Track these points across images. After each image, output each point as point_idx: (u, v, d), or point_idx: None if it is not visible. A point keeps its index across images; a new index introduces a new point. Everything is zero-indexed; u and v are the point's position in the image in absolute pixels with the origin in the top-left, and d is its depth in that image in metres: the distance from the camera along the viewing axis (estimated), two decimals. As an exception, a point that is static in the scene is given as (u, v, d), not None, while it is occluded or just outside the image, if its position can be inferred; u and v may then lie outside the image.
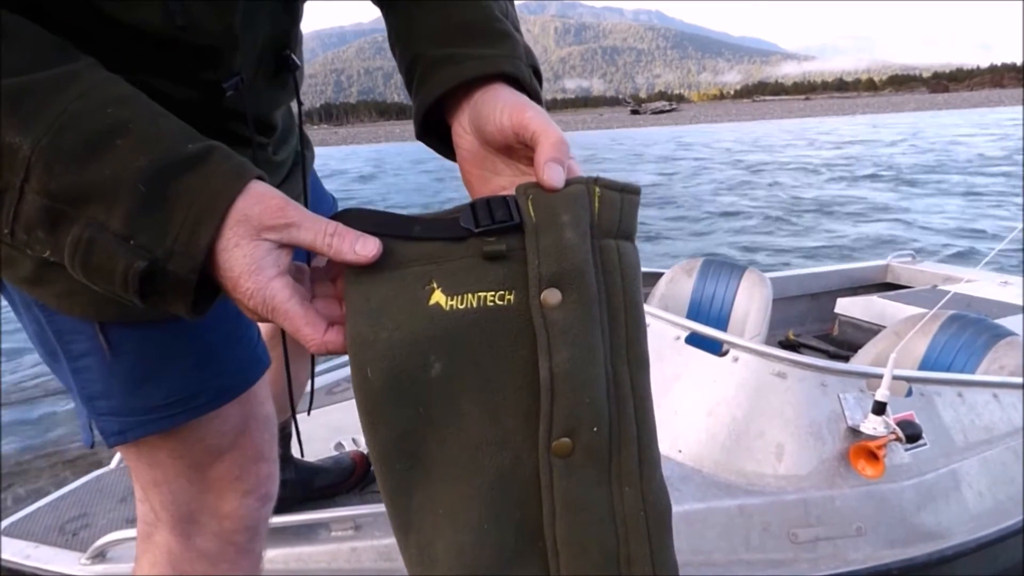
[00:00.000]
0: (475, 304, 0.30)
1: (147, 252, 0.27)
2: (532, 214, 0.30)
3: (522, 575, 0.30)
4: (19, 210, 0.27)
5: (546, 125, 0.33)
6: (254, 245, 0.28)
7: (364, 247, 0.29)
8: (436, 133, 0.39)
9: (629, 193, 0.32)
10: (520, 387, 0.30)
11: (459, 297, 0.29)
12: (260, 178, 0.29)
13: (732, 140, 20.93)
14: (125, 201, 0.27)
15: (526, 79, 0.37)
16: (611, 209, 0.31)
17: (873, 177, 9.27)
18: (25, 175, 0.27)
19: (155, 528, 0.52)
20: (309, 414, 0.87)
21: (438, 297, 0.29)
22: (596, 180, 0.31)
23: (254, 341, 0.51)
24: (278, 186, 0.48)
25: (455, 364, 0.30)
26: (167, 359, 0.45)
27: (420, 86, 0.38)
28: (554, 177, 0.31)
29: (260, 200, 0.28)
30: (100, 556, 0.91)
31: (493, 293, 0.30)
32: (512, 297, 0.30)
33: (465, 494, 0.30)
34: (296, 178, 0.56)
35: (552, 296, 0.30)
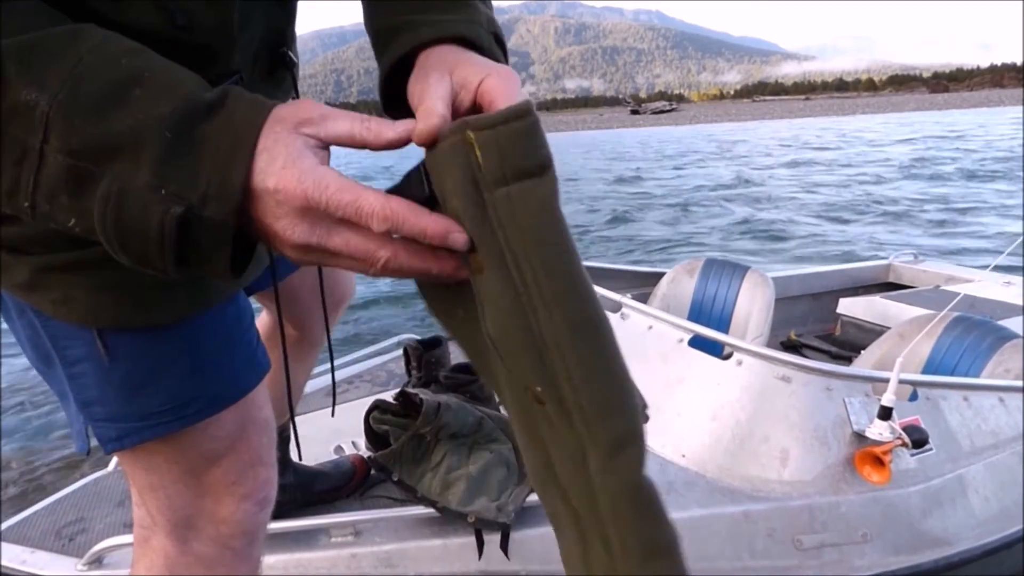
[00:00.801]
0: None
1: (181, 199, 0.26)
2: (427, 187, 0.29)
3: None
4: (40, 176, 0.26)
5: (467, 67, 0.32)
6: (293, 137, 0.27)
7: (402, 125, 0.29)
8: (406, 105, 0.36)
9: (509, 122, 0.27)
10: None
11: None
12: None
13: (772, 138, 20.48)
14: (152, 149, 0.26)
15: (483, 43, 0.36)
16: (491, 153, 0.27)
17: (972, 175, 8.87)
18: (44, 135, 0.26)
19: (152, 532, 0.51)
20: (334, 414, 0.86)
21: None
22: (466, 124, 0.27)
23: (253, 345, 0.51)
24: None
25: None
26: (164, 365, 0.44)
27: (381, 56, 0.37)
28: (412, 131, 0.29)
29: (290, 105, 0.28)
30: (97, 562, 0.90)
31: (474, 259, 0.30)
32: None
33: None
34: None
35: (475, 264, 0.29)
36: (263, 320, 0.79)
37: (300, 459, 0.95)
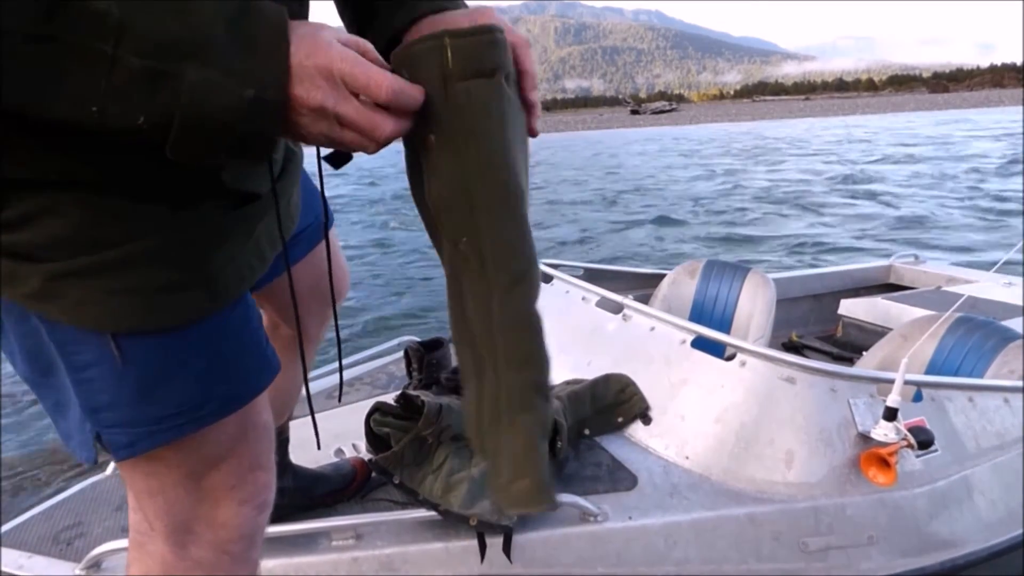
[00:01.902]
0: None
1: (247, 85, 0.32)
2: (407, 77, 0.37)
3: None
4: (112, 80, 0.30)
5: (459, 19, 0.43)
6: (317, 27, 0.35)
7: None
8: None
9: (479, 35, 0.37)
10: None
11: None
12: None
13: (830, 137, 19.49)
14: (216, 47, 0.31)
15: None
16: (462, 56, 0.36)
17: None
18: (116, 40, 0.29)
19: (148, 538, 0.51)
20: (340, 399, 0.86)
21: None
22: (446, 32, 0.36)
23: (263, 344, 0.50)
24: (276, 180, 0.48)
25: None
26: (179, 367, 0.44)
27: (373, 26, 0.45)
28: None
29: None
30: (95, 566, 0.89)
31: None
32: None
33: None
34: (291, 175, 0.55)
35: (428, 143, 0.38)
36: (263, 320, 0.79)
37: (319, 448, 0.92)
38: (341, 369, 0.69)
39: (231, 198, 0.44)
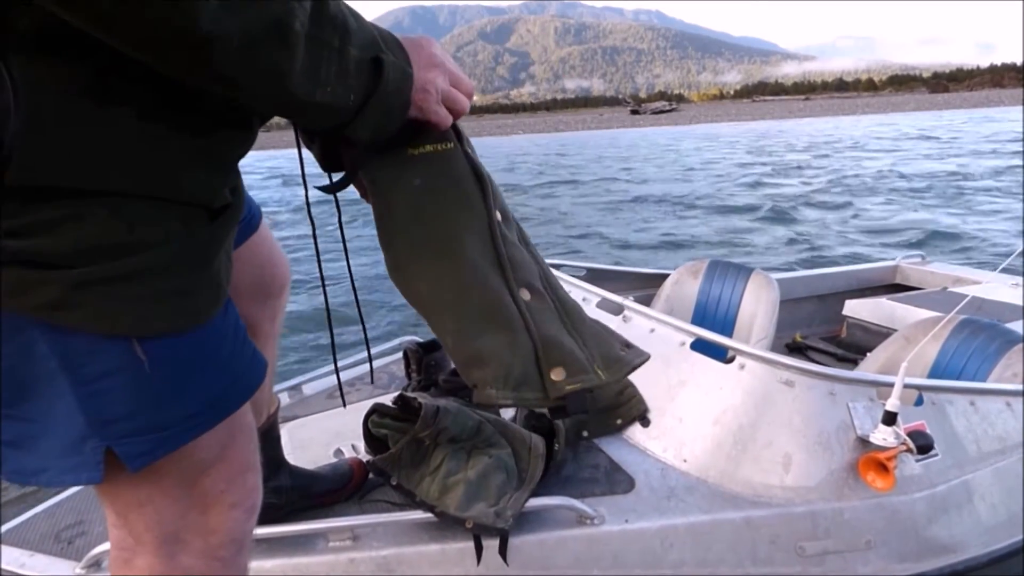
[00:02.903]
0: (429, 150, 0.53)
1: (408, 65, 0.47)
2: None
3: (495, 281, 0.52)
4: (342, 65, 0.41)
5: None
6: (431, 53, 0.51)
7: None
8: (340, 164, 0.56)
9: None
10: (470, 186, 0.53)
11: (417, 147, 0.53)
12: None
13: (870, 134, 19.37)
14: (392, 47, 0.46)
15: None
16: (458, 129, 0.55)
17: None
18: (342, 37, 0.41)
19: (134, 553, 0.50)
20: (343, 400, 0.87)
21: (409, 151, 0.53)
22: None
23: (251, 342, 0.51)
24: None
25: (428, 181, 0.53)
26: (195, 367, 0.45)
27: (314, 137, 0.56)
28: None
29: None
30: (96, 565, 0.89)
31: (441, 144, 0.53)
32: (451, 144, 0.54)
33: (459, 245, 0.52)
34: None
35: (468, 146, 0.55)
36: None
37: (345, 406, 0.90)
38: (338, 372, 0.69)
39: (213, 209, 0.46)
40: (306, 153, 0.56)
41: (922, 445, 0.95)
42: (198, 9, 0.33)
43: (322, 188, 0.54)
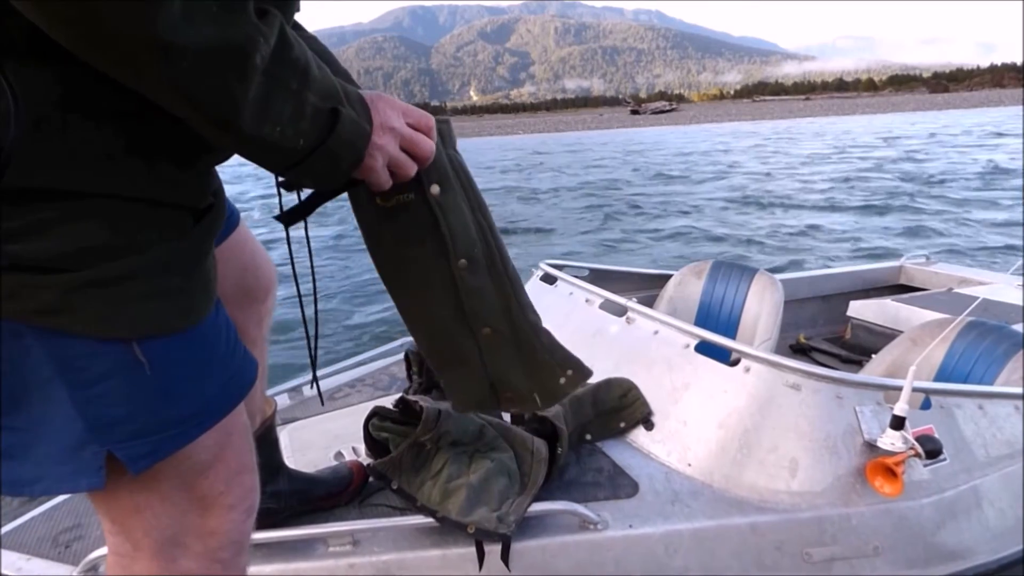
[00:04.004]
0: (394, 202, 0.53)
1: (367, 122, 0.45)
2: None
3: (458, 328, 0.58)
4: (297, 109, 0.40)
5: None
6: (387, 104, 0.49)
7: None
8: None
9: (448, 123, 0.56)
10: (431, 240, 0.54)
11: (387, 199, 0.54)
12: None
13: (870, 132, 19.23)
14: (353, 102, 0.44)
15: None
16: (444, 134, 0.54)
17: None
18: (300, 81, 0.40)
19: (133, 559, 0.50)
20: (321, 398, 0.86)
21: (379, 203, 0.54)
22: (435, 119, 0.53)
23: (242, 343, 0.51)
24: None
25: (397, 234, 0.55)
26: (193, 367, 0.45)
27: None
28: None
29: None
30: (92, 570, 0.88)
31: (403, 195, 0.53)
32: (412, 195, 0.53)
33: (424, 297, 0.57)
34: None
35: (435, 190, 0.54)
36: None
37: (322, 403, 0.90)
38: (315, 371, 0.68)
39: (199, 210, 0.46)
40: None
41: (931, 450, 0.94)
42: (159, 13, 0.33)
43: (278, 218, 0.53)
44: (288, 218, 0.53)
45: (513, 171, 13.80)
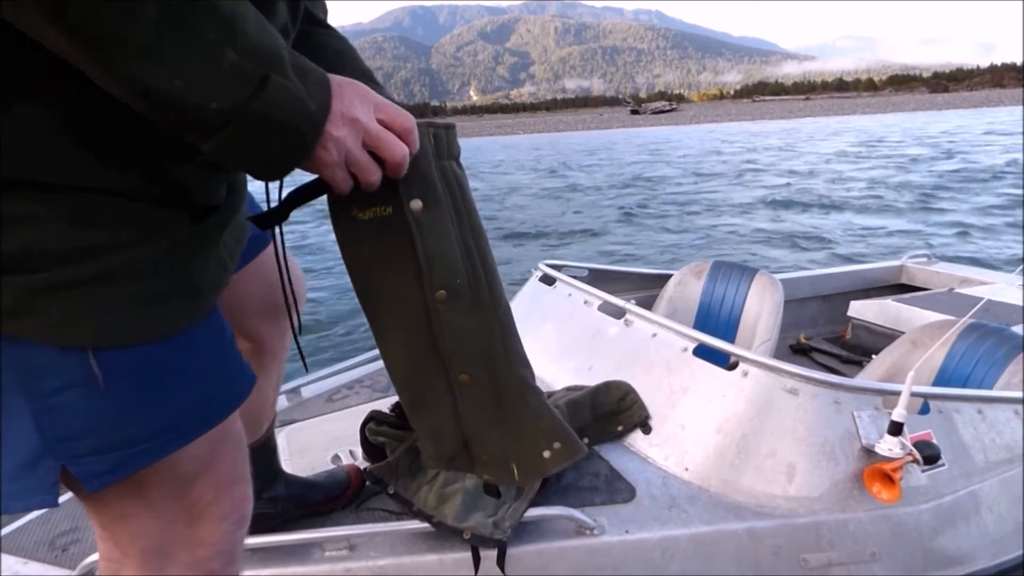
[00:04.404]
0: (371, 216, 0.47)
1: (312, 99, 0.38)
2: None
3: (430, 368, 0.51)
4: (209, 63, 0.34)
5: None
6: (355, 84, 0.43)
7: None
8: None
9: (449, 129, 0.50)
10: (408, 263, 0.47)
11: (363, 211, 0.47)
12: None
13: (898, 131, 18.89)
14: (288, 66, 0.37)
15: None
16: (441, 142, 0.49)
17: None
18: (219, 32, 0.34)
19: (122, 565, 0.49)
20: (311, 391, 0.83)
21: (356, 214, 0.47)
22: (429, 124, 0.48)
23: (238, 355, 0.49)
24: (228, 195, 0.48)
25: (374, 253, 0.48)
26: (162, 381, 0.42)
27: None
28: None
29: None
30: (89, 574, 0.88)
31: (380, 208, 0.47)
32: (391, 209, 0.47)
33: (395, 327, 0.50)
34: (240, 193, 0.53)
35: (416, 205, 0.47)
36: None
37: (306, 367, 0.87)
38: (305, 365, 0.67)
39: (199, 208, 0.43)
40: None
41: (928, 456, 0.94)
42: None
43: (252, 219, 0.47)
44: (263, 221, 0.46)
45: (543, 171, 13.32)
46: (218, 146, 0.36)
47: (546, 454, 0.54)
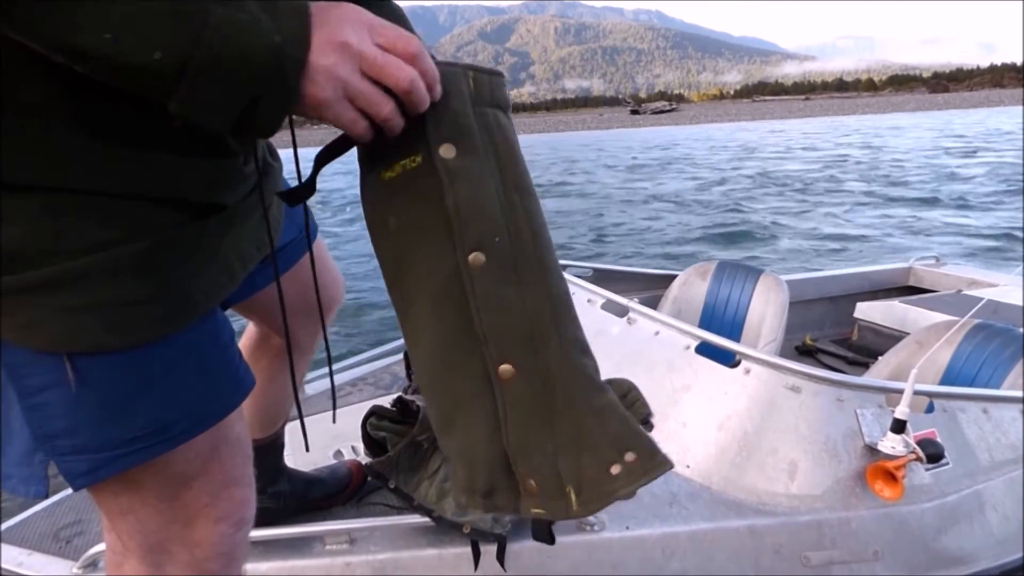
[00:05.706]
0: (399, 171, 0.40)
1: (275, 32, 0.32)
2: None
3: (464, 360, 0.41)
4: (130, 7, 0.30)
5: None
6: (344, 8, 0.36)
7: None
8: None
9: (495, 75, 0.43)
10: (437, 222, 0.40)
11: (391, 167, 0.40)
12: None
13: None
14: (279, 12, 0.32)
15: None
16: (483, 87, 0.42)
17: None
18: None
19: (124, 557, 0.50)
20: (335, 420, 0.83)
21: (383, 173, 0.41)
22: (470, 67, 0.41)
23: (235, 361, 0.48)
24: (246, 196, 0.45)
25: (401, 218, 0.41)
26: (143, 387, 0.42)
27: None
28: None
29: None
30: (92, 565, 0.89)
31: (409, 159, 0.40)
32: (419, 159, 0.40)
33: (425, 312, 0.41)
34: (269, 185, 0.51)
35: (447, 151, 0.39)
36: (249, 331, 0.77)
37: (308, 450, 0.90)
38: (332, 377, 0.68)
39: (192, 208, 0.41)
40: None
41: (932, 454, 0.93)
42: None
43: (280, 194, 0.42)
44: (290, 196, 0.41)
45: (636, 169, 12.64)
46: (183, 102, 0.32)
47: (615, 469, 0.40)
